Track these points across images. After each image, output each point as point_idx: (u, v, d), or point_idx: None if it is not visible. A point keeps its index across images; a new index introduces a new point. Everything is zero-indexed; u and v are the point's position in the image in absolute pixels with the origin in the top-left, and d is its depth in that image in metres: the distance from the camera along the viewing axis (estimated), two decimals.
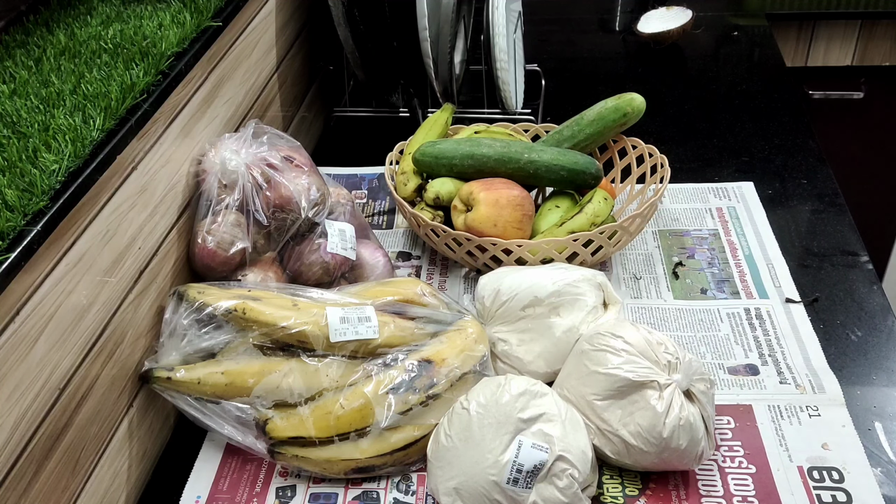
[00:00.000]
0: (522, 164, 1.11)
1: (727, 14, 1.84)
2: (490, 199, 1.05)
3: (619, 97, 1.16)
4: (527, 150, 1.11)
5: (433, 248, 1.16)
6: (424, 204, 1.13)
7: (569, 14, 1.89)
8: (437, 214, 1.13)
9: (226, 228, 0.95)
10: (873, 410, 0.91)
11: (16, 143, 0.76)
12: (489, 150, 1.11)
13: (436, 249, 1.13)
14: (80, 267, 0.77)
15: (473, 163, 1.12)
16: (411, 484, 0.86)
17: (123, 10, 1.02)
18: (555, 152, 1.12)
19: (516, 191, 1.07)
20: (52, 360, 0.73)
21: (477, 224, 1.05)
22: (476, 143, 1.13)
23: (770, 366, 0.96)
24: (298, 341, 0.86)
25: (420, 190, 1.15)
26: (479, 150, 1.12)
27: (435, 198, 1.12)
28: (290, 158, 1.01)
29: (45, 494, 0.73)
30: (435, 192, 1.12)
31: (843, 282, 1.09)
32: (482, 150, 1.12)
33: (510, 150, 1.11)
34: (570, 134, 1.18)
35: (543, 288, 0.92)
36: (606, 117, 1.16)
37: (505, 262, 1.05)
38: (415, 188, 1.15)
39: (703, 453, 0.83)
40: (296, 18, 1.40)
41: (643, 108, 1.16)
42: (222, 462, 0.90)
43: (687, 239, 1.18)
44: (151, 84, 0.88)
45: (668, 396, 0.81)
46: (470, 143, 1.14)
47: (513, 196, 1.06)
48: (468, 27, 1.52)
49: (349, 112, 1.52)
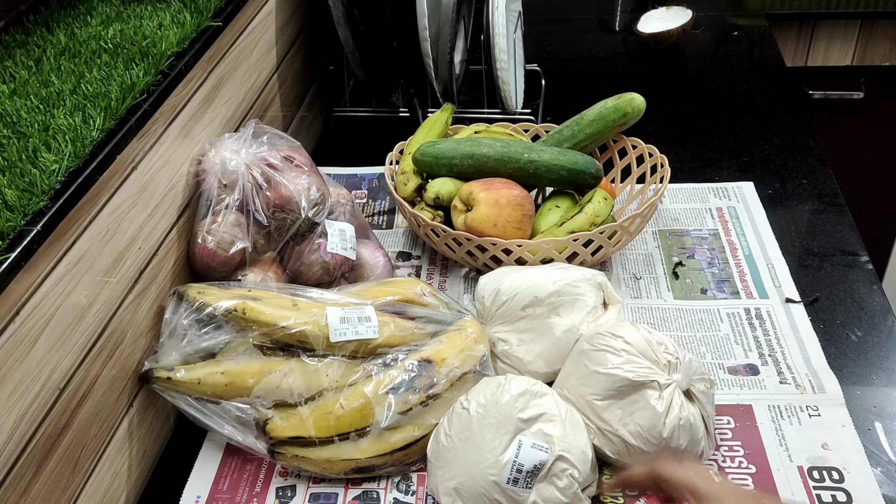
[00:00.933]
0: (522, 163, 1.11)
1: (727, 14, 1.84)
2: (490, 198, 1.05)
3: (619, 97, 1.16)
4: (527, 150, 1.11)
5: (433, 248, 1.16)
6: (424, 204, 1.13)
7: (569, 14, 1.89)
8: (438, 214, 1.12)
9: (226, 228, 0.95)
10: (873, 410, 0.91)
11: (16, 143, 0.76)
12: (489, 150, 1.11)
13: (436, 249, 1.13)
14: (80, 267, 0.77)
15: (473, 163, 1.12)
16: (411, 484, 0.86)
17: (123, 10, 1.02)
18: (555, 152, 1.12)
19: (516, 191, 1.07)
20: (52, 360, 0.73)
21: (477, 224, 1.05)
22: (476, 142, 1.13)
23: (770, 366, 0.96)
24: (298, 341, 0.86)
25: (420, 190, 1.15)
26: (479, 149, 1.12)
27: (435, 198, 1.11)
28: (290, 158, 1.01)
29: (45, 494, 0.73)
30: (435, 192, 1.12)
31: (843, 282, 1.09)
32: (482, 150, 1.12)
33: (510, 150, 1.11)
34: (570, 134, 1.18)
35: (543, 288, 0.92)
36: (606, 117, 1.16)
37: (505, 262, 1.05)
38: (415, 188, 1.15)
39: (703, 453, 0.83)
40: (296, 18, 1.40)
41: (643, 108, 1.16)
42: (222, 462, 0.90)
43: (687, 239, 1.18)
44: (151, 84, 0.88)
45: (668, 396, 0.81)
46: (470, 142, 1.14)
47: (513, 196, 1.06)
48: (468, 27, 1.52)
49: (349, 112, 1.52)
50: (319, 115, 1.54)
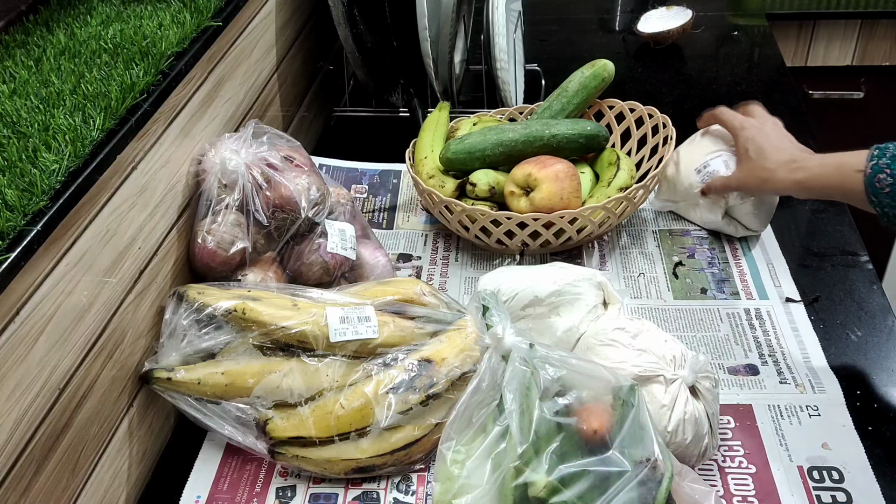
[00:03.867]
0: (547, 139, 1.16)
1: (727, 14, 1.84)
2: (550, 175, 1.09)
3: (592, 65, 1.26)
4: (545, 126, 1.17)
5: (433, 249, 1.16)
6: (474, 199, 1.14)
7: (569, 14, 1.89)
8: (492, 205, 1.14)
9: (226, 228, 0.95)
10: (873, 410, 0.91)
11: (16, 143, 0.76)
12: (514, 134, 1.16)
13: (487, 246, 1.14)
14: (80, 267, 0.77)
15: (504, 149, 1.15)
16: (411, 484, 0.86)
17: (123, 9, 1.02)
18: (568, 123, 1.19)
19: (562, 164, 1.11)
20: (52, 360, 0.73)
21: (546, 202, 1.08)
22: (499, 130, 1.17)
23: (770, 366, 0.96)
24: (298, 341, 0.86)
25: (462, 188, 1.16)
26: (506, 135, 1.16)
27: (490, 189, 1.14)
28: (290, 158, 1.01)
29: (45, 494, 0.73)
30: (486, 183, 1.14)
31: (843, 282, 1.09)
32: (508, 136, 1.16)
33: (531, 130, 1.16)
34: (560, 107, 1.25)
35: (544, 288, 0.92)
36: (588, 85, 1.26)
37: (568, 232, 1.09)
38: (455, 187, 1.15)
39: (706, 451, 0.83)
40: (296, 18, 1.40)
41: (614, 71, 1.27)
42: (222, 462, 0.90)
43: (687, 239, 1.18)
44: (151, 84, 0.88)
45: (673, 391, 0.81)
46: (493, 131, 1.17)
47: (566, 169, 1.11)
48: (468, 27, 1.53)
49: (349, 112, 1.52)
50: (319, 115, 1.54)
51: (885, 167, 0.87)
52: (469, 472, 0.76)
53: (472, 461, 0.76)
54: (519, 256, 1.15)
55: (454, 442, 0.78)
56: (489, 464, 0.75)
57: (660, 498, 0.71)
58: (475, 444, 0.77)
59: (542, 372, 0.77)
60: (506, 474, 0.74)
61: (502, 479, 0.74)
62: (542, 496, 0.72)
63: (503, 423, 0.75)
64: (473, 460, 0.76)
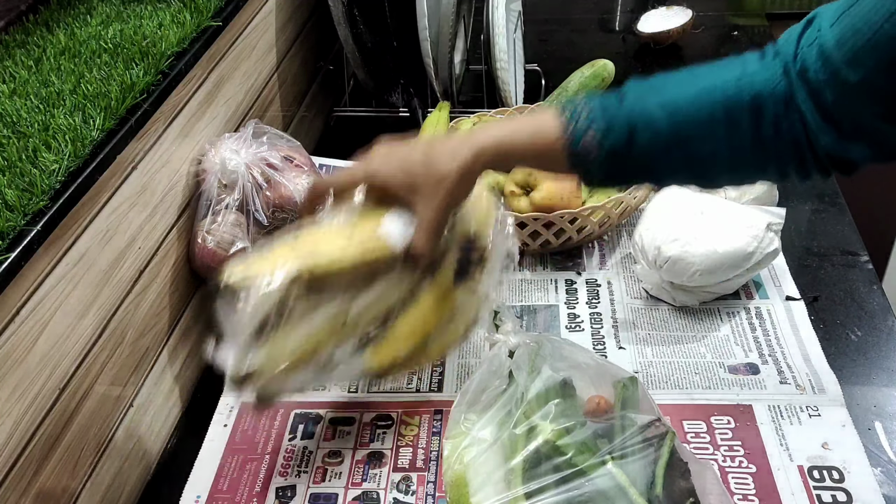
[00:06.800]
0: None
1: (727, 14, 1.84)
2: (550, 175, 1.08)
3: (592, 65, 1.27)
4: None
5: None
6: None
7: (569, 14, 1.89)
8: None
9: (226, 228, 0.95)
10: (873, 410, 0.91)
11: (16, 142, 0.76)
12: None
13: None
14: (80, 267, 0.77)
15: None
16: (411, 484, 0.86)
17: (123, 9, 1.02)
18: None
19: None
20: (52, 360, 0.73)
21: (547, 201, 1.09)
22: None
23: (770, 365, 0.96)
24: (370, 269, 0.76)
25: None
26: None
27: (490, 189, 1.13)
28: (290, 158, 1.01)
29: (45, 494, 0.73)
30: (486, 183, 1.13)
31: (843, 282, 1.09)
32: None
33: None
34: None
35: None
36: (588, 85, 1.28)
37: (568, 232, 1.09)
38: None
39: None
40: (296, 18, 1.40)
41: (614, 71, 1.29)
42: (222, 462, 0.90)
43: None
44: (151, 84, 0.88)
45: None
46: None
47: None
48: (468, 27, 1.53)
49: (349, 112, 1.52)
50: (319, 115, 1.54)
51: (584, 131, 0.72)
52: (479, 429, 0.79)
53: (482, 423, 0.79)
54: None
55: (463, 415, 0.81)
56: (497, 423, 0.79)
57: (664, 451, 0.74)
58: (485, 415, 0.80)
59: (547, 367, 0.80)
60: (516, 420, 0.77)
61: (510, 429, 0.77)
62: (549, 438, 0.74)
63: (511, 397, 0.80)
64: (483, 422, 0.79)
